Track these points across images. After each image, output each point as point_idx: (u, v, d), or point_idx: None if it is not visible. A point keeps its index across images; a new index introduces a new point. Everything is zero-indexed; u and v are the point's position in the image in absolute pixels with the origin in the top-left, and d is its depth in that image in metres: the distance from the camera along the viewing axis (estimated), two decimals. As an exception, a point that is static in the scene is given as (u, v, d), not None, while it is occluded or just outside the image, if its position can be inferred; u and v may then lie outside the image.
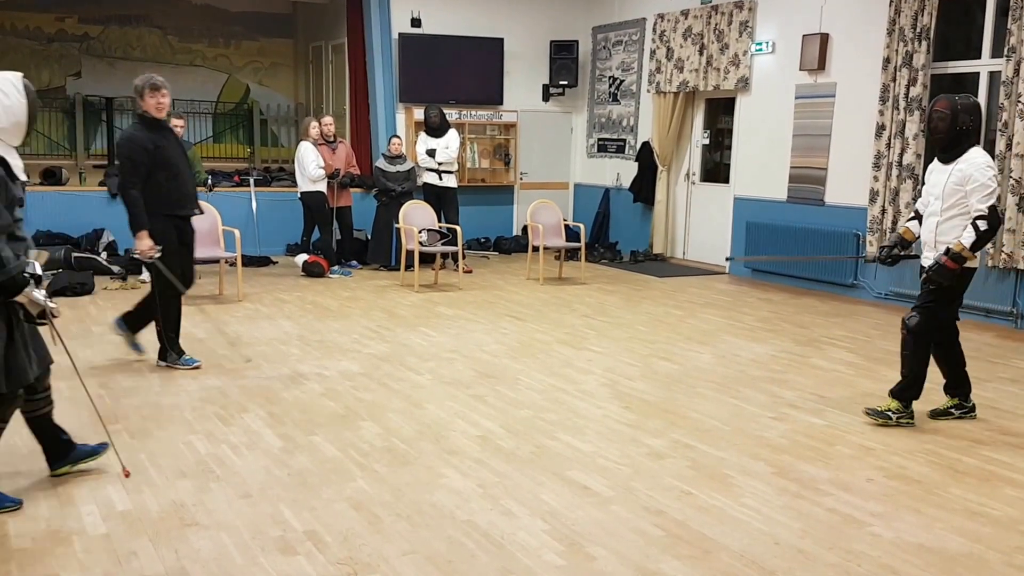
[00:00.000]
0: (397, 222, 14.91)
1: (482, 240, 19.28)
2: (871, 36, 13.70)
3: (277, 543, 5.56)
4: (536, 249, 15.57)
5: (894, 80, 13.30)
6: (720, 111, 17.48)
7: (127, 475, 6.19)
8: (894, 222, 13.24)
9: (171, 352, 9.53)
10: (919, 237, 8.21)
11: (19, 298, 5.74)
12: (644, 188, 18.21)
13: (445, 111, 16.95)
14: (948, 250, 7.77)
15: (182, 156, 9.47)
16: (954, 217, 7.80)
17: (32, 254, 5.86)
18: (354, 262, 16.42)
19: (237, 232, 13.32)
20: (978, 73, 12.87)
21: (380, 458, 7.03)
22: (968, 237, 7.69)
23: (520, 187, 19.77)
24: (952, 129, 7.77)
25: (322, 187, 15.46)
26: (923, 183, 8.42)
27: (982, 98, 12.70)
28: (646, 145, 18.10)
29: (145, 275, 14.38)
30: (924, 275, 8.06)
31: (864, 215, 13.80)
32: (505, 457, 7.12)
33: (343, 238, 16.20)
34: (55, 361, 6.35)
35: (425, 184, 16.45)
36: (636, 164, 18.41)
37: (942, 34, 13.14)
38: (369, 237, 16.62)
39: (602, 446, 7.40)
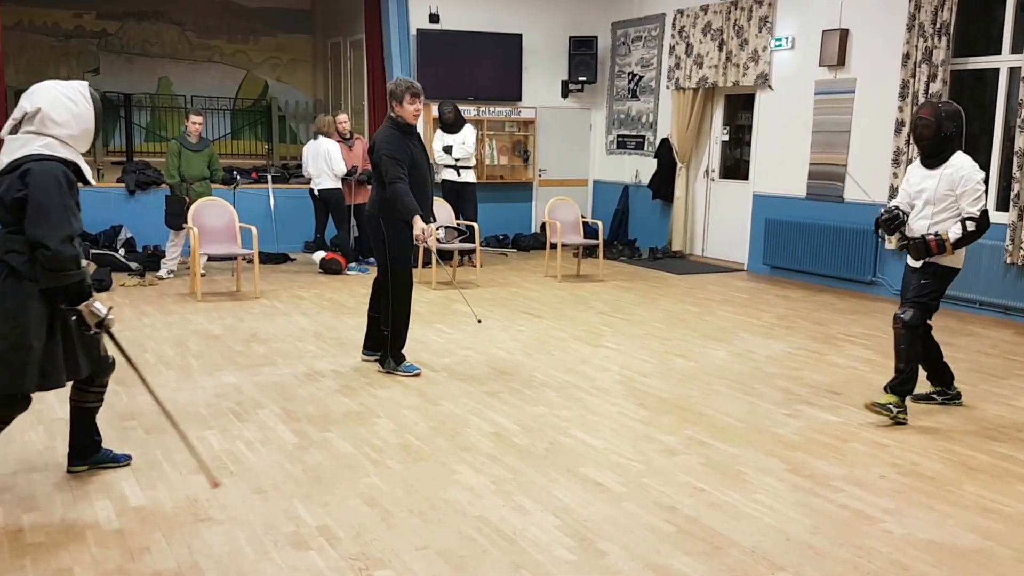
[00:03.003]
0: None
1: (500, 237, 19.29)
2: (891, 32, 13.66)
3: (290, 538, 5.57)
4: (554, 246, 15.57)
5: (914, 76, 13.26)
6: (740, 107, 17.44)
7: (216, 486, 6.20)
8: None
9: (389, 359, 9.47)
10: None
11: (80, 307, 5.83)
12: (663, 185, 18.18)
13: (462, 107, 16.98)
14: (937, 234, 7.91)
15: (427, 166, 9.42)
16: (946, 220, 7.93)
17: (82, 263, 5.93)
18: (372, 259, 16.41)
19: (254, 229, 13.33)
20: (998, 69, 12.83)
21: (394, 454, 7.04)
22: (955, 234, 7.86)
23: (539, 184, 19.77)
24: (937, 136, 7.89)
25: (339, 184, 15.49)
26: (900, 181, 8.46)
27: (1002, 95, 12.68)
28: (665, 142, 18.07)
29: (163, 271, 14.45)
30: (902, 245, 8.29)
31: (883, 212, 13.77)
32: (519, 454, 7.13)
33: (360, 235, 16.20)
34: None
35: (444, 181, 16.45)
36: (655, 161, 18.38)
37: (962, 30, 13.09)
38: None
39: (616, 443, 7.40)
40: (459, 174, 16.37)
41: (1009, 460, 7.22)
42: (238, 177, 15.97)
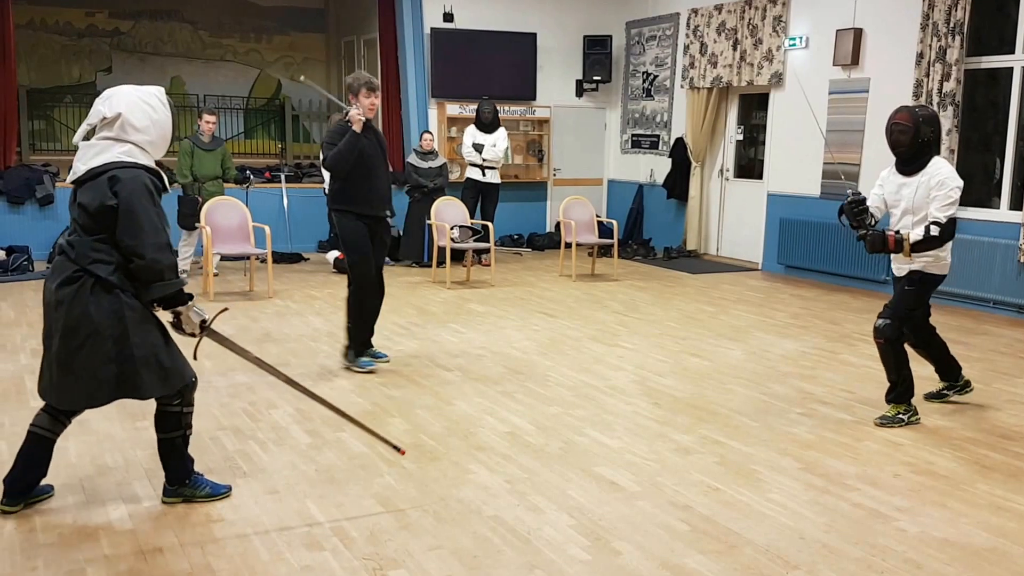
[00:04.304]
0: (429, 218, 14.92)
1: (515, 236, 19.29)
2: (904, 31, 13.64)
3: (303, 539, 5.58)
4: (569, 246, 15.57)
5: (927, 75, 13.23)
6: (754, 107, 17.43)
7: (403, 453, 6.59)
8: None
9: (350, 351, 9.51)
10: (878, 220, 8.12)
11: (180, 309, 5.79)
12: (678, 184, 18.18)
13: (474, 107, 17.00)
14: (899, 232, 7.74)
15: (381, 158, 9.51)
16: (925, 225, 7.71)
17: (181, 272, 5.91)
18: (386, 259, 16.40)
19: (267, 228, 13.35)
20: (1012, 68, 12.80)
21: (408, 454, 7.02)
22: (916, 236, 7.63)
23: (553, 183, 19.78)
24: (915, 142, 7.69)
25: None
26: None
27: (1015, 94, 12.64)
28: (680, 141, 18.07)
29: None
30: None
31: (897, 210, 13.73)
32: (533, 453, 7.12)
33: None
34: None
35: (468, 179, 16.54)
36: (670, 160, 18.38)
37: (976, 29, 13.07)
38: (401, 234, 16.62)
39: (630, 442, 7.40)
40: (484, 174, 16.40)
41: (1023, 459, 7.20)
42: (251, 176, 15.97)
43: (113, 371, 5.61)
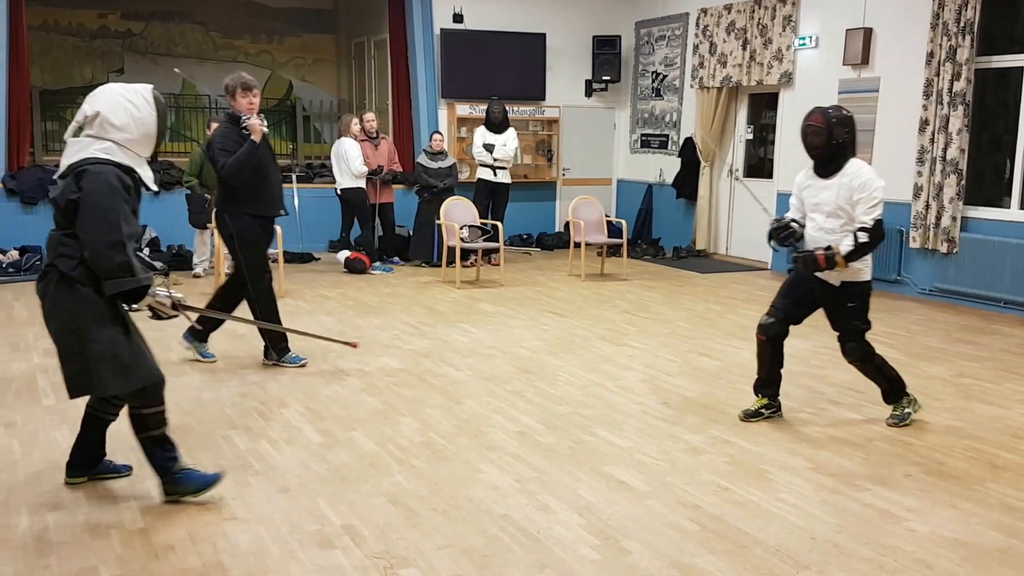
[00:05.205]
0: (439, 218, 14.94)
1: (524, 236, 19.30)
2: (915, 30, 13.62)
3: (315, 537, 5.59)
4: (578, 245, 15.58)
5: (938, 75, 13.23)
6: (764, 106, 17.42)
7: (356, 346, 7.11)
8: (938, 217, 13.18)
9: (272, 352, 9.55)
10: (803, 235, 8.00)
11: (144, 303, 5.88)
12: (687, 184, 18.18)
13: (483, 107, 17.04)
14: (829, 247, 7.60)
15: (271, 157, 9.51)
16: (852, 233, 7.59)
17: (138, 271, 5.89)
18: (396, 258, 16.45)
19: (279, 228, 13.31)
20: (1022, 68, 12.79)
21: (418, 453, 7.05)
22: (846, 246, 7.53)
23: (562, 183, 19.79)
24: (828, 143, 7.57)
25: (362, 183, 15.48)
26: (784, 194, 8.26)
27: (1026, 93, 12.66)
28: (689, 141, 18.07)
29: (198, 269, 14.51)
30: (794, 258, 7.96)
31: (908, 211, 13.72)
32: (543, 452, 7.13)
33: (385, 234, 16.22)
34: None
35: (479, 179, 16.60)
36: (679, 160, 18.38)
37: (986, 28, 13.05)
38: (411, 233, 16.65)
39: (640, 442, 7.40)
40: (495, 174, 16.44)
41: (1034, 459, 7.21)
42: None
43: (77, 366, 5.71)
